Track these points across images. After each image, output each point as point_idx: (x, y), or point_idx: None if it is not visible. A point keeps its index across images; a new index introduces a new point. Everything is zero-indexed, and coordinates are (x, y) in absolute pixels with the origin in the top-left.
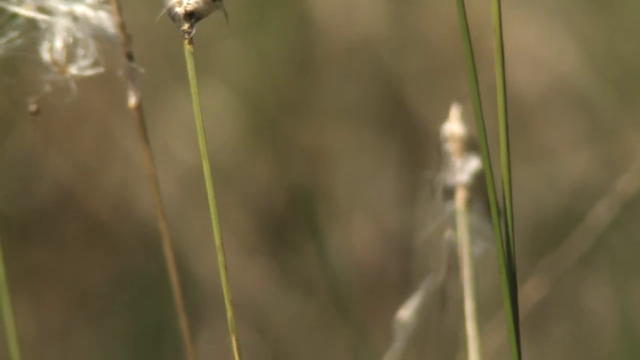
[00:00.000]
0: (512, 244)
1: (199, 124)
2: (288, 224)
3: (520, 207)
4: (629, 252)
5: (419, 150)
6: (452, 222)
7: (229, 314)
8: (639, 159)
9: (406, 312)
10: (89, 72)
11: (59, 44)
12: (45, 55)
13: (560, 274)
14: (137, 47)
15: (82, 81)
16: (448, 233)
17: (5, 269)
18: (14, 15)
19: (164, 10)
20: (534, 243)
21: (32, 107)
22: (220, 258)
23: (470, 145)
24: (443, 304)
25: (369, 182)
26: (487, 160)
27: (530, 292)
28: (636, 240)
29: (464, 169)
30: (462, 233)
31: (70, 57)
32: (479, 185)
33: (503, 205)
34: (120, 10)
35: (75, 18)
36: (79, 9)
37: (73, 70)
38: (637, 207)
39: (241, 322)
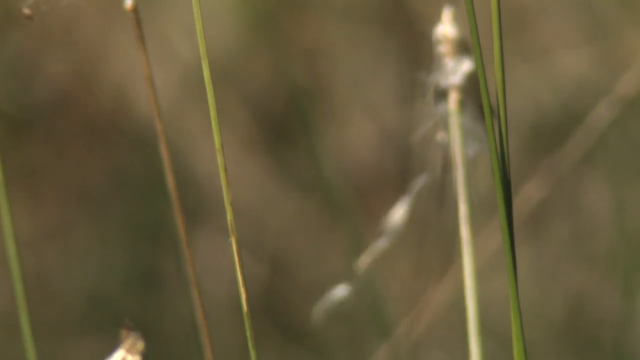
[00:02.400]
0: (505, 143)
1: (199, 26)
2: (286, 122)
3: (518, 107)
4: (627, 151)
5: (419, 49)
6: (445, 124)
7: (229, 216)
8: (639, 59)
9: (397, 212)
10: None
11: None
12: None
13: (560, 175)
14: None
15: None
16: (440, 135)
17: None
18: None
19: None
20: (532, 144)
21: (27, 11)
22: (220, 160)
23: (464, 47)
24: (441, 203)
25: (368, 81)
26: (479, 57)
27: (529, 193)
28: (635, 139)
29: (457, 70)
30: (455, 135)
31: None
32: (472, 87)
33: (497, 105)
34: None
35: None
36: None
37: None
38: (637, 106)
39: (239, 221)
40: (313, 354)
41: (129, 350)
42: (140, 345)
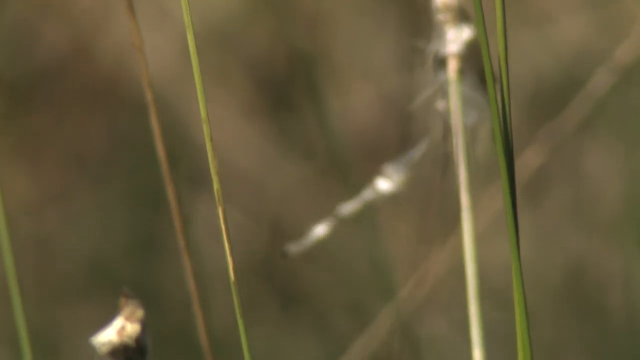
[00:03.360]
0: (507, 109)
1: None
2: (287, 87)
3: (518, 73)
4: (628, 117)
5: (419, 15)
6: (444, 92)
7: (216, 186)
8: (638, 25)
9: (391, 168)
10: None
11: None
12: None
13: (560, 141)
14: None
15: None
16: (440, 103)
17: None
18: None
19: None
20: (532, 110)
21: None
22: (206, 130)
23: (463, 15)
24: (442, 169)
25: (369, 46)
26: (482, 23)
27: (529, 159)
28: (635, 106)
29: (456, 38)
30: (454, 103)
31: None
32: (472, 56)
33: (498, 72)
34: None
35: None
36: None
37: None
38: (637, 72)
39: (240, 186)
40: (313, 319)
41: (128, 318)
42: (139, 313)
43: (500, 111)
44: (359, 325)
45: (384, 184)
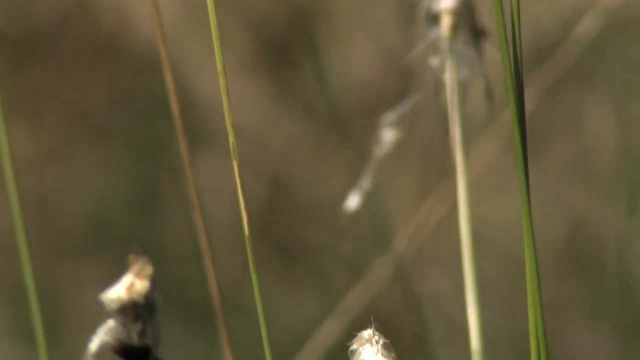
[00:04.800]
0: (519, 54)
1: None
2: (288, 44)
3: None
4: (627, 71)
5: None
6: (438, 48)
7: (231, 139)
8: None
9: (390, 117)
10: None
11: None
12: None
13: (559, 90)
14: None
15: None
16: (433, 59)
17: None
18: None
19: None
20: (533, 64)
21: None
22: (222, 83)
23: None
24: (437, 125)
25: (368, 2)
26: None
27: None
28: (634, 60)
29: None
30: (447, 59)
31: None
32: (466, 11)
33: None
34: None
35: None
36: None
37: None
38: (635, 26)
39: (240, 142)
40: (313, 274)
41: (137, 275)
42: (148, 269)
43: (512, 62)
44: (357, 279)
45: (388, 133)
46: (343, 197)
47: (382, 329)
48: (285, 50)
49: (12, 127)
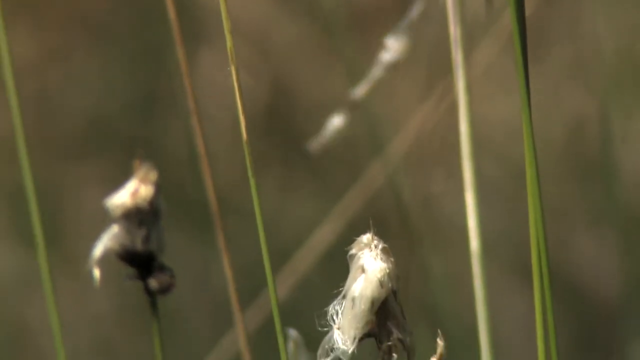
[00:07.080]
0: None
1: None
2: None
3: None
4: None
5: None
6: None
7: (229, 44)
8: None
9: (393, 38)
10: None
11: None
12: None
13: None
14: None
15: None
16: None
17: None
18: None
19: None
20: None
21: None
22: None
23: None
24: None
25: None
26: None
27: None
28: None
29: None
30: None
31: None
32: None
33: None
34: None
35: None
36: None
37: None
38: None
39: (242, 44)
40: (312, 176)
41: (142, 180)
42: (153, 175)
43: None
44: (356, 180)
45: (388, 55)
46: (341, 101)
47: (380, 232)
48: None
49: (13, 29)
